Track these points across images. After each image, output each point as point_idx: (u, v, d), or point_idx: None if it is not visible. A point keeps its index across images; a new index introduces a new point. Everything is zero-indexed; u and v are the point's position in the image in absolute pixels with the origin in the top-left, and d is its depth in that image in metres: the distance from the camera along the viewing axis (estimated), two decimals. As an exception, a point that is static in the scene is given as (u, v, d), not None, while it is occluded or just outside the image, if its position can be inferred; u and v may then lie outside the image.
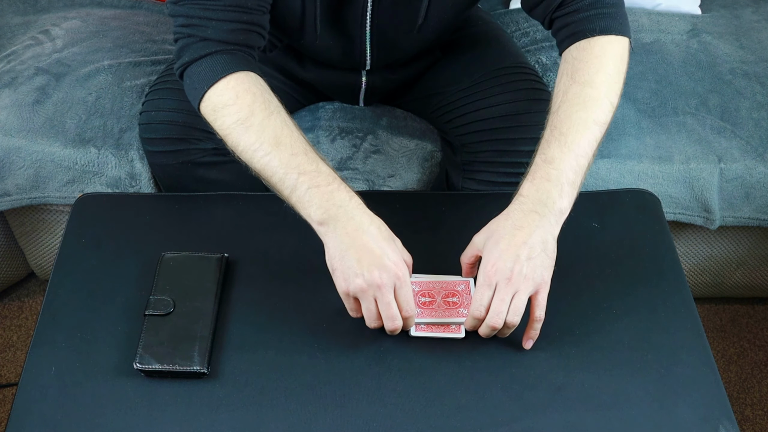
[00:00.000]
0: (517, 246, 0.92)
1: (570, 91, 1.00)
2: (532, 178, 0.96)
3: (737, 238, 1.52)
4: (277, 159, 0.95)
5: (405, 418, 0.91)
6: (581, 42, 1.03)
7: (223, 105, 0.98)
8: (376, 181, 1.37)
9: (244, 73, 0.99)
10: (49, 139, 1.36)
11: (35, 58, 1.46)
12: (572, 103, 0.98)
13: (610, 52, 1.02)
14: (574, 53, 1.03)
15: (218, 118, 0.99)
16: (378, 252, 0.91)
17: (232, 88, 0.98)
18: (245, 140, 0.97)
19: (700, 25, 1.62)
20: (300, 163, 0.94)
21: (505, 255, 0.92)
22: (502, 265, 0.92)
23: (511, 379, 0.94)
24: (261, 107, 0.97)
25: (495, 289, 0.92)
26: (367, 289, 0.91)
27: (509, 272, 0.91)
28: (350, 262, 0.91)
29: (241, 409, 0.91)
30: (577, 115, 0.98)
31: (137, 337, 0.96)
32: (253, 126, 0.96)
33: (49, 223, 1.51)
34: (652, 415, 0.91)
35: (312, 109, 1.42)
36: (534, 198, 0.95)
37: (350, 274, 0.91)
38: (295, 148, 0.95)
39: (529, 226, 0.93)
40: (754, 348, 1.65)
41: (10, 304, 1.69)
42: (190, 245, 1.08)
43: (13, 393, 1.40)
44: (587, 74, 1.00)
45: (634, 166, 1.37)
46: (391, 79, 1.32)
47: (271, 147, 0.95)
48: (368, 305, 0.92)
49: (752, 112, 1.43)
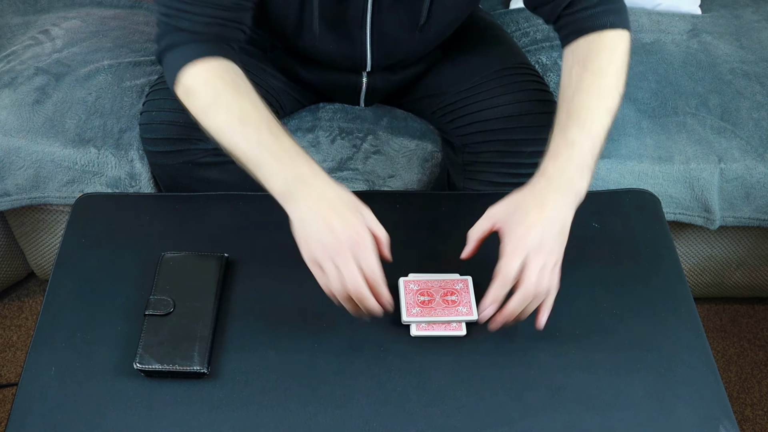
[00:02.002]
0: (546, 220, 0.93)
1: (584, 80, 1.03)
2: (555, 157, 0.97)
3: (737, 238, 1.52)
4: (243, 137, 0.98)
5: (405, 418, 0.91)
6: (592, 35, 1.06)
7: (193, 89, 1.02)
8: (376, 182, 1.37)
9: (215, 59, 1.03)
10: (49, 139, 1.36)
11: (35, 58, 1.46)
12: (587, 92, 1.02)
13: (620, 45, 1.06)
14: (584, 45, 1.06)
15: (190, 101, 1.03)
16: (337, 218, 0.91)
17: (201, 74, 1.02)
18: (214, 121, 1.01)
19: (700, 25, 1.62)
20: (264, 140, 0.97)
21: (536, 227, 0.92)
22: (534, 235, 0.92)
23: (511, 379, 0.94)
24: (229, 90, 1.01)
25: (525, 259, 0.92)
26: (325, 253, 0.91)
27: (540, 242, 0.92)
28: (310, 230, 0.92)
29: (241, 409, 0.91)
30: (593, 103, 1.01)
31: (137, 337, 0.96)
32: (221, 107, 1.00)
33: (49, 223, 1.51)
34: (652, 415, 0.91)
35: (312, 110, 1.42)
36: (558, 178, 0.96)
37: (311, 241, 0.92)
38: (260, 127, 0.98)
39: (554, 204, 0.94)
40: (754, 348, 1.65)
41: (10, 304, 1.69)
42: (190, 245, 1.08)
43: (13, 393, 1.40)
44: (600, 65, 1.04)
45: (634, 166, 1.37)
46: (392, 80, 1.32)
47: (237, 126, 0.98)
48: (330, 271, 0.92)
49: (752, 112, 1.43)
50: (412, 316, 0.98)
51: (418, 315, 0.98)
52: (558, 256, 0.94)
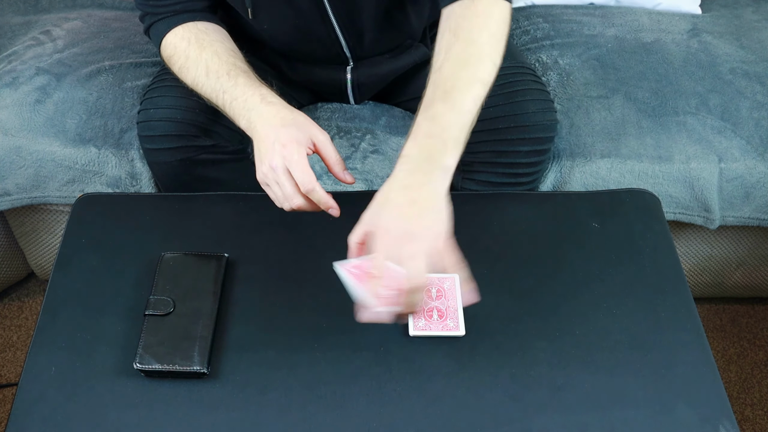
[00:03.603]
0: (405, 206, 0.90)
1: (453, 48, 0.98)
2: (414, 136, 0.94)
3: (737, 238, 1.52)
4: (209, 86, 1.10)
5: (405, 418, 0.91)
6: (465, 1, 1.02)
7: (169, 56, 1.16)
8: (375, 181, 1.37)
9: (180, 27, 1.16)
10: (50, 138, 1.36)
11: (36, 58, 1.47)
12: (455, 61, 0.97)
13: (494, 13, 1.01)
14: (457, 10, 1.01)
15: (171, 68, 1.17)
16: (272, 138, 0.99)
17: (170, 43, 1.16)
18: (189, 79, 1.13)
19: (700, 24, 1.62)
20: (223, 83, 1.08)
21: (395, 217, 0.89)
22: (394, 226, 0.89)
23: (511, 379, 0.94)
24: (193, 48, 1.13)
25: (395, 255, 0.88)
26: (267, 174, 1.00)
27: (402, 233, 0.88)
28: (257, 155, 1.01)
29: (241, 409, 0.91)
30: (461, 74, 0.97)
31: (137, 337, 0.96)
32: (190, 66, 1.12)
33: (49, 223, 1.51)
34: (652, 415, 0.91)
35: (311, 109, 1.42)
36: (417, 156, 0.93)
37: (257, 165, 1.01)
38: (219, 72, 1.09)
39: (415, 184, 0.91)
40: (754, 348, 1.65)
41: (10, 304, 1.69)
42: (190, 245, 1.08)
43: (13, 393, 1.40)
44: (470, 32, 0.99)
45: (634, 166, 1.37)
46: (377, 74, 1.32)
47: (204, 77, 1.10)
48: (274, 189, 1.01)
49: (752, 111, 1.43)
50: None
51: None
52: (432, 237, 0.89)
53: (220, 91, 1.08)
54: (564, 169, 1.36)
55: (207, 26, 1.17)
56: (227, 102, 1.07)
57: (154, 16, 1.18)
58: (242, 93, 1.06)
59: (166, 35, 1.16)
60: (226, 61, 1.10)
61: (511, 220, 1.05)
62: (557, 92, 1.44)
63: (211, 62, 1.10)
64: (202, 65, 1.11)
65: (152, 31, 1.19)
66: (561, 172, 1.36)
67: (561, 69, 1.49)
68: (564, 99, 1.43)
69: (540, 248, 1.09)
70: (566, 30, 1.59)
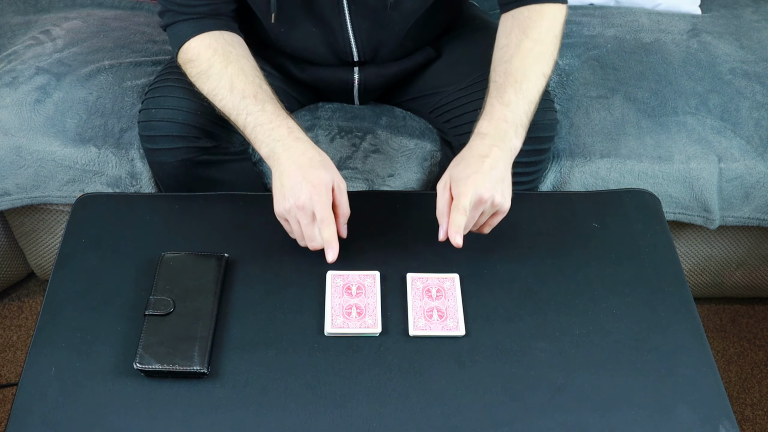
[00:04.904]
0: (486, 170, 1.00)
1: (523, 44, 1.11)
2: (489, 118, 1.05)
3: (737, 238, 1.52)
4: (231, 103, 1.10)
5: (405, 418, 0.91)
6: (534, 5, 1.14)
7: (189, 60, 1.15)
8: (376, 181, 1.37)
9: (207, 34, 1.15)
10: (50, 138, 1.36)
11: (36, 58, 1.46)
12: (526, 56, 1.10)
13: (559, 17, 1.15)
14: (525, 13, 1.14)
15: (187, 70, 1.16)
16: (299, 177, 1.01)
17: (194, 48, 1.15)
18: (206, 88, 1.13)
19: (700, 24, 1.62)
20: (248, 105, 1.08)
21: (478, 173, 0.99)
22: (480, 178, 0.99)
23: (511, 379, 0.94)
24: (219, 59, 1.12)
25: (474, 197, 0.98)
26: (289, 211, 1.01)
27: (484, 184, 0.98)
28: (279, 188, 1.03)
29: (241, 409, 0.91)
30: (531, 68, 1.09)
31: (137, 337, 0.96)
32: (212, 76, 1.12)
33: (49, 223, 1.51)
34: (652, 416, 0.91)
35: (312, 109, 1.42)
36: (493, 135, 1.03)
37: (278, 198, 1.03)
38: (245, 92, 1.09)
39: (493, 155, 1.01)
40: (754, 348, 1.65)
41: (10, 304, 1.69)
42: (190, 245, 1.08)
43: (13, 393, 1.40)
44: (540, 33, 1.12)
45: (634, 166, 1.37)
46: (384, 75, 1.33)
47: (226, 92, 1.10)
48: (293, 226, 1.03)
49: (752, 111, 1.43)
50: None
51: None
52: (503, 201, 1.01)
53: (244, 112, 1.08)
54: (564, 169, 1.36)
55: (233, 38, 1.16)
56: (249, 124, 1.07)
57: (178, 14, 1.16)
58: (269, 120, 1.07)
59: (189, 39, 1.15)
60: (252, 81, 1.10)
61: (510, 219, 1.05)
62: (557, 92, 1.44)
63: (236, 79, 1.10)
64: (225, 79, 1.10)
65: (173, 31, 1.17)
66: (561, 172, 1.36)
67: (561, 69, 1.49)
68: (564, 99, 1.43)
69: (540, 248, 1.09)
70: (566, 30, 1.57)
